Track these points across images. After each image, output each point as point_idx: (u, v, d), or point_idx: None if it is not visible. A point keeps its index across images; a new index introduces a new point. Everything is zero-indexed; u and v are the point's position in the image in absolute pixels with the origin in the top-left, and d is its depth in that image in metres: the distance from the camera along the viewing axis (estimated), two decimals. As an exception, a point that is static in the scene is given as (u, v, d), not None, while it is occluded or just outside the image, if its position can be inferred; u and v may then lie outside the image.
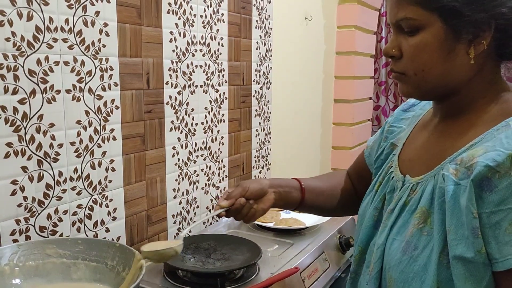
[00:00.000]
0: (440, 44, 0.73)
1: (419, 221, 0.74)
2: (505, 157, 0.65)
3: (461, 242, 0.67)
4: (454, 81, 0.76)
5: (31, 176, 0.98)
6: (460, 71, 0.75)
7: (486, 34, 0.71)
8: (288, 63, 2.01)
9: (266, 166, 1.86)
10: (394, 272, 0.76)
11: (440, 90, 0.78)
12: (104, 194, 1.15)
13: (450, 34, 0.72)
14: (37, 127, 0.98)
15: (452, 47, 0.73)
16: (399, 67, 0.79)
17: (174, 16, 1.31)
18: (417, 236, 0.74)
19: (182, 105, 1.37)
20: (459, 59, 0.73)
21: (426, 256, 0.72)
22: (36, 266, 0.89)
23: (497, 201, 0.65)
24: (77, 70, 1.05)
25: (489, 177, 0.65)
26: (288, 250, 1.27)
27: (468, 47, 0.72)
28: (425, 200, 0.75)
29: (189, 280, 1.11)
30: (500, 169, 0.64)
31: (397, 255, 0.76)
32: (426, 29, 0.73)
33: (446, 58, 0.73)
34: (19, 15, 0.92)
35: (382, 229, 0.82)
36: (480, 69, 0.75)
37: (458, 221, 0.68)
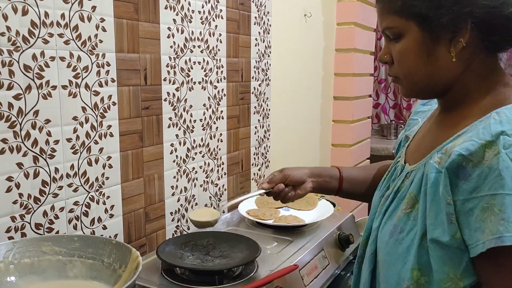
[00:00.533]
0: (420, 48, 0.78)
1: (407, 206, 0.79)
2: (478, 146, 0.67)
3: (438, 227, 0.71)
4: (443, 79, 0.79)
5: (27, 173, 0.97)
6: (446, 70, 0.78)
7: (463, 32, 0.74)
8: (287, 60, 2.00)
9: (265, 164, 1.85)
10: (382, 253, 0.82)
11: (433, 89, 0.82)
12: (101, 191, 1.14)
13: (427, 37, 0.77)
14: (33, 123, 0.97)
15: (431, 49, 0.77)
16: (393, 72, 0.85)
17: (172, 11, 1.30)
18: (403, 220, 0.78)
19: (180, 101, 1.36)
20: (441, 59, 0.77)
21: (410, 240, 0.76)
22: (32, 264, 0.88)
23: (470, 189, 0.67)
24: (74, 65, 1.04)
25: (464, 165, 0.68)
26: (287, 247, 1.26)
27: (449, 46, 0.76)
28: (414, 186, 0.79)
29: (187, 278, 1.10)
30: (473, 158, 0.67)
31: (386, 238, 0.81)
32: (406, 36, 0.78)
33: (428, 60, 0.78)
34: (14, 10, 0.91)
35: (378, 214, 0.88)
36: (468, 64, 0.78)
37: (438, 207, 0.71)
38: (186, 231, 1.43)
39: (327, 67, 2.43)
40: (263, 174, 1.83)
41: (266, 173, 1.85)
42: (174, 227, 1.39)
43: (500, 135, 0.66)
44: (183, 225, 1.42)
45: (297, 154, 2.20)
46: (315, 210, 1.52)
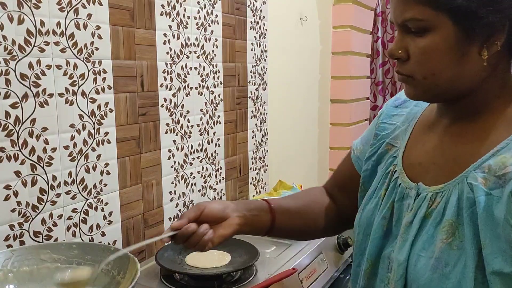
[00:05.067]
0: (451, 47, 0.68)
1: (447, 235, 0.69)
2: None
3: (498, 256, 0.63)
4: (467, 83, 0.72)
5: (25, 181, 0.97)
6: (472, 74, 0.70)
7: (500, 34, 0.67)
8: (284, 64, 2.01)
9: (263, 168, 1.85)
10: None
11: (451, 93, 0.73)
12: (99, 198, 1.14)
13: (462, 36, 0.68)
14: (30, 131, 0.97)
15: (464, 49, 0.68)
16: (407, 69, 0.74)
17: (168, 18, 1.30)
18: (446, 252, 0.68)
19: (177, 107, 1.36)
20: (471, 61, 0.69)
21: (459, 272, 0.66)
22: (31, 272, 0.88)
23: None
24: (70, 73, 1.04)
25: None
26: (286, 251, 1.27)
27: (481, 48, 0.68)
28: (451, 211, 0.69)
29: (186, 283, 1.10)
30: None
31: (427, 273, 0.70)
32: (436, 31, 0.68)
33: (458, 61, 0.69)
34: (10, 19, 0.91)
35: (401, 244, 0.75)
36: (493, 69, 0.71)
37: (493, 234, 0.64)
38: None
39: (324, 70, 2.44)
40: (261, 178, 1.84)
41: (264, 177, 1.86)
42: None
43: None
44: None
45: (295, 157, 2.20)
46: (314, 213, 1.52)
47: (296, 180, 2.03)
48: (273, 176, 1.93)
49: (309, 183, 2.29)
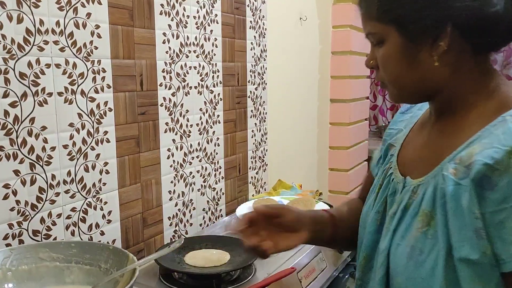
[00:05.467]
0: (401, 53, 0.75)
1: (422, 224, 0.73)
2: (503, 154, 0.63)
3: (466, 244, 0.66)
4: (430, 83, 0.77)
5: (24, 180, 0.97)
6: (431, 74, 0.76)
7: (443, 35, 0.72)
8: (283, 63, 2.01)
9: (263, 167, 1.85)
10: (401, 278, 0.75)
11: (420, 93, 0.79)
12: (99, 197, 1.14)
13: (407, 42, 0.74)
14: (29, 130, 0.97)
15: (413, 54, 0.75)
16: (379, 77, 0.82)
17: (167, 17, 1.30)
18: (421, 240, 0.72)
19: (176, 106, 1.36)
20: (424, 63, 0.75)
21: (432, 260, 0.70)
22: (29, 270, 0.89)
23: (499, 199, 0.63)
24: (69, 72, 1.04)
25: (489, 175, 0.63)
26: (285, 251, 1.27)
27: (431, 50, 0.73)
28: (426, 202, 0.73)
29: (185, 282, 1.10)
30: (499, 167, 0.63)
31: (403, 261, 0.74)
32: (388, 41, 0.76)
33: (411, 66, 0.76)
34: (9, 18, 0.92)
35: (385, 233, 0.80)
36: (456, 67, 0.75)
37: (461, 222, 0.66)
38: (184, 235, 1.43)
39: (324, 69, 2.44)
40: (260, 178, 1.84)
41: (263, 176, 1.86)
42: (172, 232, 1.39)
43: None
44: (181, 230, 1.43)
45: (294, 157, 2.20)
46: (313, 212, 1.52)
47: (295, 179, 2.03)
48: (273, 175, 1.93)
49: (309, 183, 2.30)
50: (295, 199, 1.64)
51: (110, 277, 0.85)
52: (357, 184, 2.63)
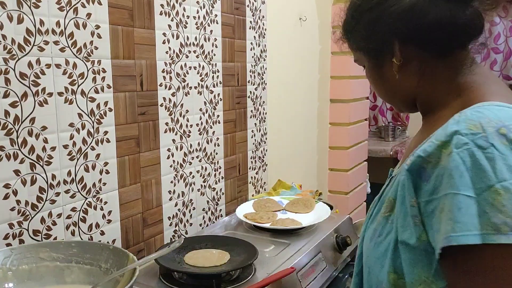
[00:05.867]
0: (373, 74, 0.85)
1: (386, 210, 0.78)
2: (435, 147, 0.67)
3: (407, 229, 0.70)
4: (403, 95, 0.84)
5: (24, 180, 0.97)
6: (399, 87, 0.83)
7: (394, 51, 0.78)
8: (283, 63, 2.01)
9: (263, 167, 1.85)
10: (365, 256, 0.82)
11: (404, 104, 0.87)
12: (99, 197, 1.14)
13: (374, 64, 0.84)
14: (29, 130, 0.97)
15: (380, 73, 0.83)
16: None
17: (167, 17, 1.31)
18: (382, 224, 0.78)
19: (176, 106, 1.36)
20: (391, 79, 0.82)
21: (387, 243, 0.75)
22: (30, 270, 0.89)
23: (430, 190, 0.67)
24: (69, 72, 1.04)
25: (425, 167, 0.68)
26: (285, 250, 1.27)
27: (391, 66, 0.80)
28: (392, 190, 0.78)
29: (185, 282, 1.11)
30: (431, 159, 0.67)
31: (367, 242, 0.81)
32: (365, 64, 0.87)
33: (382, 82, 0.85)
34: (9, 18, 0.92)
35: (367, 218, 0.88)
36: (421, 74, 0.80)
37: (405, 210, 0.71)
38: (184, 235, 1.43)
39: (324, 70, 2.44)
40: (260, 178, 1.84)
41: (263, 176, 1.86)
42: (172, 232, 1.39)
43: (454, 134, 0.65)
44: (181, 230, 1.43)
45: (294, 157, 2.20)
46: (312, 212, 1.53)
47: (295, 179, 2.04)
48: (272, 175, 1.93)
49: (308, 183, 2.30)
50: (294, 199, 1.64)
51: (110, 276, 0.85)
52: (357, 184, 2.63)
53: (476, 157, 0.62)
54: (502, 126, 0.63)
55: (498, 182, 0.60)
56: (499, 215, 0.59)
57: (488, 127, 0.63)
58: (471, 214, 0.61)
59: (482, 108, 0.68)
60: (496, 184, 0.60)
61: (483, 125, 0.64)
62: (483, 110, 0.67)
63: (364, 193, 2.78)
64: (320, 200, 1.70)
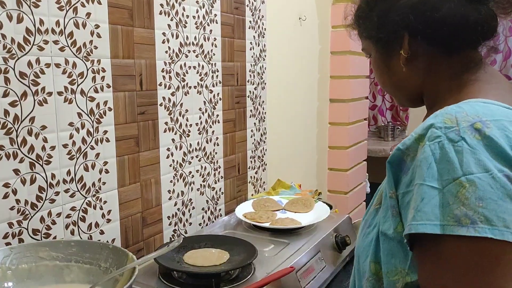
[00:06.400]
0: (380, 65, 0.85)
1: (377, 202, 0.80)
2: (413, 140, 0.67)
3: (388, 220, 0.71)
4: (408, 88, 0.83)
5: (24, 179, 0.97)
6: (405, 80, 0.82)
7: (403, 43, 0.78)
8: (282, 63, 2.01)
9: (262, 167, 1.85)
10: (356, 245, 0.84)
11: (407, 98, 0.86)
12: (98, 196, 1.14)
13: (382, 54, 0.83)
14: (29, 130, 0.97)
15: (387, 64, 0.83)
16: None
17: (167, 17, 1.31)
18: (372, 215, 0.79)
19: (176, 106, 1.37)
20: (397, 71, 0.81)
21: (374, 233, 0.76)
22: (29, 269, 0.89)
23: (407, 182, 0.67)
24: (69, 72, 1.04)
25: (404, 159, 0.68)
26: (284, 250, 1.27)
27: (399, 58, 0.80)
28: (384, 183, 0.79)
29: (184, 281, 1.11)
30: (409, 152, 0.67)
31: (359, 231, 0.83)
32: (371, 54, 0.86)
33: (388, 75, 0.84)
34: (9, 17, 0.92)
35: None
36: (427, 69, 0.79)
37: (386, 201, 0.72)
38: (184, 235, 1.44)
39: (323, 69, 2.44)
40: (260, 177, 1.84)
41: (262, 176, 1.86)
42: (172, 231, 1.39)
43: (430, 128, 0.66)
44: (181, 229, 1.43)
45: (293, 157, 2.20)
46: (312, 212, 1.53)
47: (294, 179, 2.04)
48: (272, 175, 1.94)
49: (308, 182, 2.30)
50: (294, 198, 1.65)
51: (110, 276, 0.85)
52: (356, 184, 2.63)
53: (446, 149, 0.62)
54: (478, 121, 0.63)
55: (464, 175, 0.60)
56: (461, 207, 0.59)
57: (462, 121, 0.64)
58: (433, 205, 0.62)
59: (465, 103, 0.68)
60: (462, 177, 0.60)
61: (458, 119, 0.64)
62: (464, 105, 0.67)
63: (363, 192, 2.79)
64: (320, 199, 1.70)
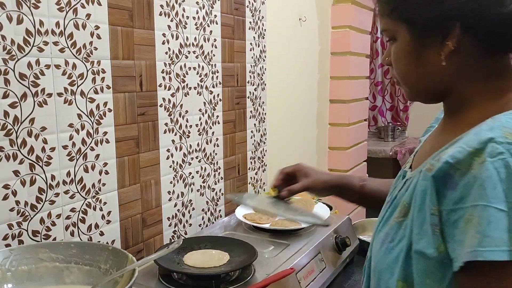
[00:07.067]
0: (409, 51, 0.76)
1: (399, 214, 0.75)
2: (466, 154, 0.63)
3: (424, 237, 0.67)
4: (437, 83, 0.77)
5: (23, 180, 0.97)
6: (437, 74, 0.75)
7: (451, 35, 0.71)
8: (282, 64, 2.01)
9: (262, 168, 1.85)
10: (373, 261, 0.79)
11: (429, 92, 0.79)
12: (98, 197, 1.14)
13: (416, 40, 0.75)
14: (29, 131, 0.97)
15: (420, 52, 0.75)
16: (392, 74, 0.83)
17: (167, 18, 1.31)
18: (395, 229, 0.75)
19: (176, 107, 1.36)
20: (431, 63, 0.75)
21: (399, 249, 0.72)
22: (29, 271, 0.89)
23: (456, 199, 0.63)
24: (69, 73, 1.04)
25: (452, 174, 0.64)
26: (284, 251, 1.27)
27: (439, 49, 0.73)
28: (407, 194, 0.75)
29: (184, 283, 1.11)
30: (460, 166, 0.63)
31: (378, 246, 0.78)
32: (398, 38, 0.77)
33: (417, 64, 0.76)
34: (9, 19, 0.92)
35: (378, 220, 0.85)
36: (464, 68, 0.74)
37: (423, 217, 0.68)
38: (184, 236, 1.43)
39: (323, 70, 2.44)
40: (260, 178, 1.84)
41: (262, 177, 1.86)
42: (172, 232, 1.39)
43: (488, 142, 0.62)
44: (180, 230, 1.43)
45: (293, 157, 2.20)
46: (312, 213, 1.53)
47: (294, 180, 2.03)
48: (272, 176, 1.92)
49: (308, 183, 2.29)
50: (294, 199, 1.64)
51: (110, 277, 0.85)
52: (356, 185, 2.63)
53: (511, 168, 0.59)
54: None
55: None
56: None
57: None
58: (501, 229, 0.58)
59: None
60: None
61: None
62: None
63: (363, 193, 2.78)
64: (320, 200, 1.70)
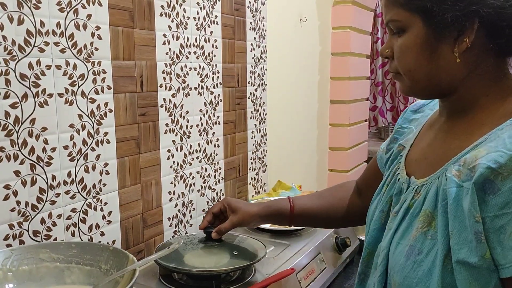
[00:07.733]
0: (422, 45, 0.73)
1: (423, 224, 0.73)
2: (508, 158, 0.62)
3: (464, 246, 0.65)
4: (445, 80, 0.75)
5: (24, 181, 0.97)
6: (448, 70, 0.74)
7: (468, 31, 0.70)
8: (283, 64, 2.01)
9: (262, 168, 1.86)
10: (398, 277, 0.75)
11: (434, 89, 0.77)
12: (99, 197, 1.14)
13: (431, 34, 0.72)
14: (30, 131, 0.97)
15: (434, 47, 0.73)
16: (392, 67, 0.80)
17: (167, 18, 1.31)
18: (421, 240, 0.72)
19: (176, 107, 1.37)
20: (444, 58, 0.73)
21: (430, 261, 0.70)
22: (30, 271, 0.89)
23: (501, 204, 0.62)
24: (70, 73, 1.05)
25: (492, 179, 0.63)
26: (285, 251, 1.27)
27: (454, 46, 0.71)
28: (428, 202, 0.73)
29: (185, 283, 1.11)
30: (502, 171, 0.62)
31: (401, 260, 0.74)
32: (410, 30, 0.74)
33: (430, 58, 0.74)
34: (10, 19, 0.92)
35: (387, 232, 0.81)
36: (474, 67, 0.73)
37: (461, 225, 0.66)
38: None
39: (323, 71, 2.44)
40: (260, 179, 1.84)
41: (263, 177, 1.86)
42: (172, 233, 1.39)
43: None
44: (181, 231, 1.43)
45: (294, 158, 2.21)
46: (312, 213, 1.53)
47: (295, 180, 2.04)
48: (272, 176, 1.93)
49: (308, 184, 2.30)
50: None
51: (110, 277, 0.85)
52: (356, 185, 2.63)
53: None
54: None
55: None
56: None
57: None
58: None
59: None
60: None
61: None
62: None
63: (364, 194, 2.78)
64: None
